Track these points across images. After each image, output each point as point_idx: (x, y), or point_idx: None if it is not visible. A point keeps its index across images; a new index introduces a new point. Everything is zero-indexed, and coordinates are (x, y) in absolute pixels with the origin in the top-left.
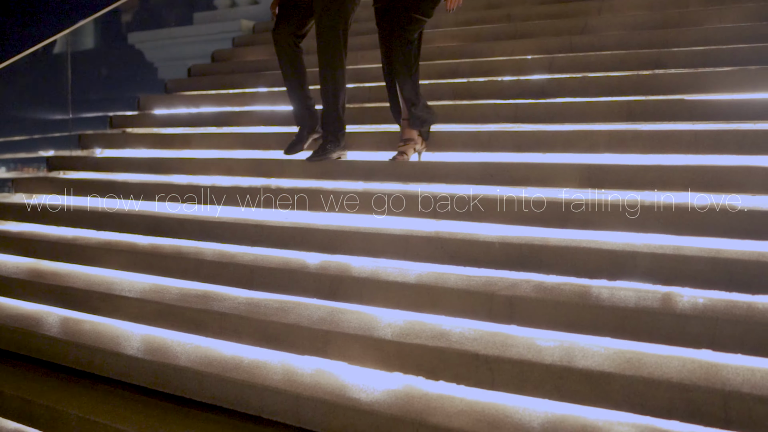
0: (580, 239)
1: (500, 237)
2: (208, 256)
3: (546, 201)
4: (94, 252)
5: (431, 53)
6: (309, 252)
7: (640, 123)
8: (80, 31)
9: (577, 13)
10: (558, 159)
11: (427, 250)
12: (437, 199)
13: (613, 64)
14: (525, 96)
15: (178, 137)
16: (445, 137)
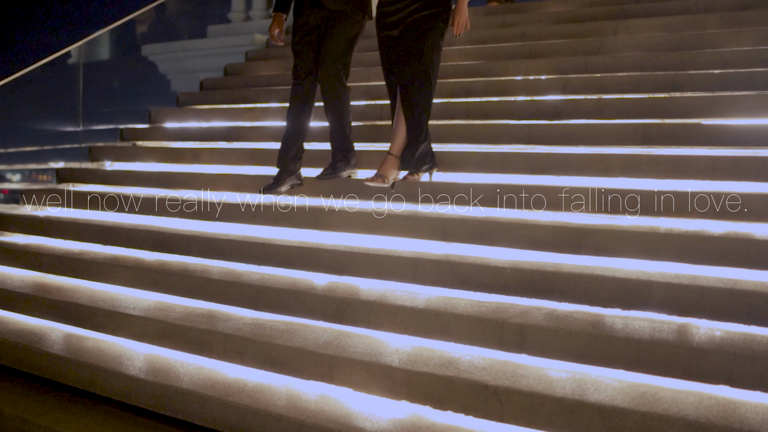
0: (593, 266)
1: (512, 262)
2: (215, 274)
3: (559, 226)
4: (100, 267)
5: (444, 71)
6: (316, 272)
7: (655, 147)
8: (93, 41)
9: (593, 33)
10: (572, 182)
11: (437, 274)
12: (447, 220)
13: (629, 86)
14: (539, 117)
15: (188, 152)
16: (457, 157)
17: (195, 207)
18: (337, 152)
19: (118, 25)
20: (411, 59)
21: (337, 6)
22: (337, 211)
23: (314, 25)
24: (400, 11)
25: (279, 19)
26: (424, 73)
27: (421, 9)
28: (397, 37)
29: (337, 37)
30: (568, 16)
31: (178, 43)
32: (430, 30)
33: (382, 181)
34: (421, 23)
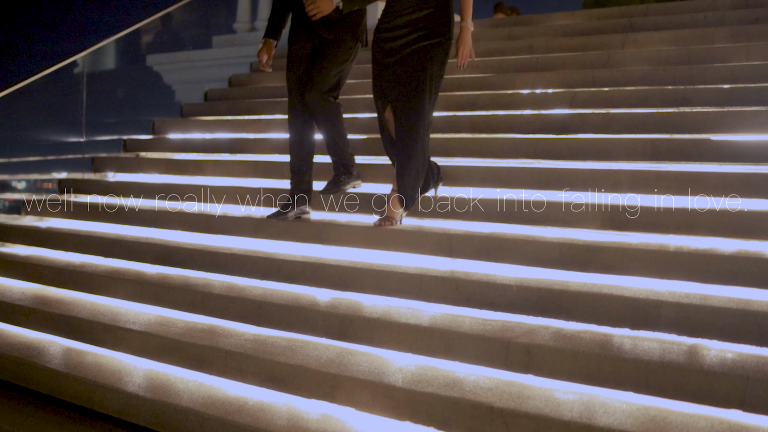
0: (601, 284)
1: (518, 279)
2: (216, 288)
3: (566, 243)
4: (100, 280)
5: (450, 84)
6: (319, 288)
7: (664, 162)
8: (97, 51)
9: (600, 47)
10: (579, 198)
11: (442, 291)
12: (453, 236)
13: (637, 100)
14: (546, 131)
15: (191, 163)
16: (462, 172)
17: (198, 219)
18: (338, 166)
19: (124, 34)
20: (409, 95)
21: (331, 34)
22: (340, 225)
23: (307, 54)
24: (397, 39)
25: (269, 45)
26: (422, 111)
27: (420, 39)
28: (394, 66)
29: (327, 63)
30: (575, 28)
31: (183, 53)
32: (430, 61)
33: (391, 223)
34: (420, 54)
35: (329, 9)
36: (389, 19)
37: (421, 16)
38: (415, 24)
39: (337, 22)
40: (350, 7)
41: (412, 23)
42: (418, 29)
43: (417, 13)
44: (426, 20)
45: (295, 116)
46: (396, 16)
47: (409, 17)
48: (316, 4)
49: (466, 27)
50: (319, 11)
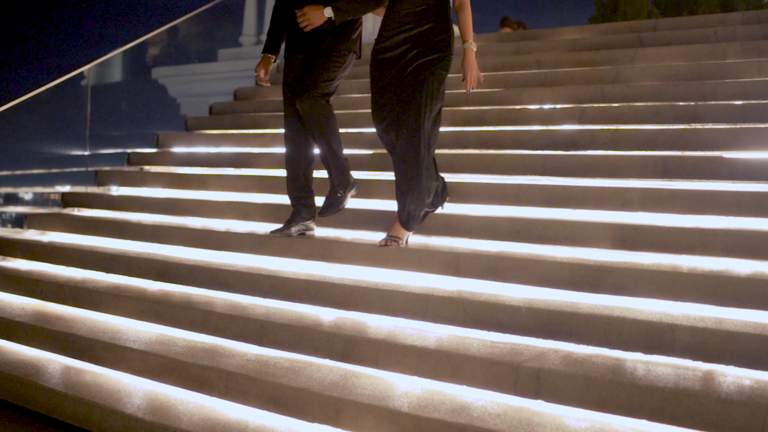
0: (613, 306)
1: (527, 300)
2: (218, 307)
3: (576, 263)
4: (101, 297)
5: (457, 99)
6: (323, 307)
7: (676, 180)
8: (102, 63)
9: (609, 61)
10: (589, 216)
11: (449, 312)
12: (459, 255)
13: (647, 117)
14: (554, 147)
15: (194, 177)
16: (470, 188)
17: (200, 235)
18: (336, 177)
19: (129, 47)
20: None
21: (323, 44)
22: (345, 242)
23: (300, 64)
24: (395, 56)
25: (267, 60)
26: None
27: (419, 55)
28: (392, 85)
29: (319, 71)
30: (583, 43)
31: (188, 66)
32: (429, 77)
33: (396, 243)
34: (419, 71)
35: (320, 21)
36: (386, 36)
37: (420, 32)
38: (413, 40)
39: (329, 32)
40: (342, 18)
41: (410, 40)
42: (417, 45)
43: (416, 29)
44: (424, 36)
45: (291, 129)
46: (393, 33)
47: (406, 34)
48: (307, 16)
49: (469, 49)
50: (310, 23)
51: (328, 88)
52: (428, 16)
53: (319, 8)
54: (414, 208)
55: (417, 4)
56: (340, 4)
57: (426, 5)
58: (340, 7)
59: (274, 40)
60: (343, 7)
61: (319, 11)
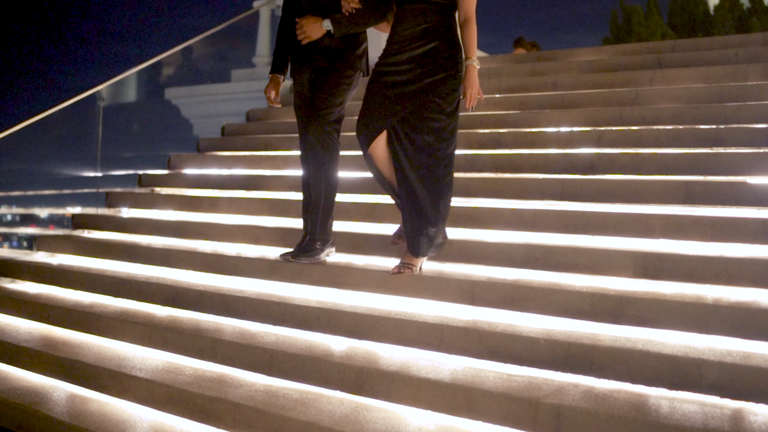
0: (635, 338)
1: (546, 332)
2: (227, 334)
3: (597, 292)
4: (108, 322)
5: (472, 121)
6: (334, 336)
7: (699, 206)
8: (115, 83)
9: (627, 83)
10: (609, 243)
11: (464, 343)
12: (475, 283)
13: (668, 140)
14: (572, 171)
15: (206, 200)
16: (485, 213)
17: (210, 259)
18: (314, 230)
19: (142, 68)
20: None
21: (325, 62)
22: (357, 269)
23: (308, 86)
24: (400, 74)
25: (276, 81)
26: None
27: (425, 75)
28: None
29: (325, 95)
30: (600, 64)
31: (201, 87)
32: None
33: (410, 270)
34: (427, 92)
35: (318, 34)
36: (391, 54)
37: (426, 51)
38: (418, 59)
39: (331, 50)
40: (341, 32)
41: (415, 59)
42: (423, 65)
43: (421, 48)
44: (431, 54)
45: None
46: (397, 52)
47: (411, 53)
48: (304, 28)
49: (471, 66)
50: (306, 36)
51: (337, 113)
52: (434, 34)
53: (317, 20)
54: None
55: (420, 22)
56: (339, 17)
57: (431, 23)
58: (339, 20)
59: (282, 59)
60: (342, 20)
61: (317, 24)
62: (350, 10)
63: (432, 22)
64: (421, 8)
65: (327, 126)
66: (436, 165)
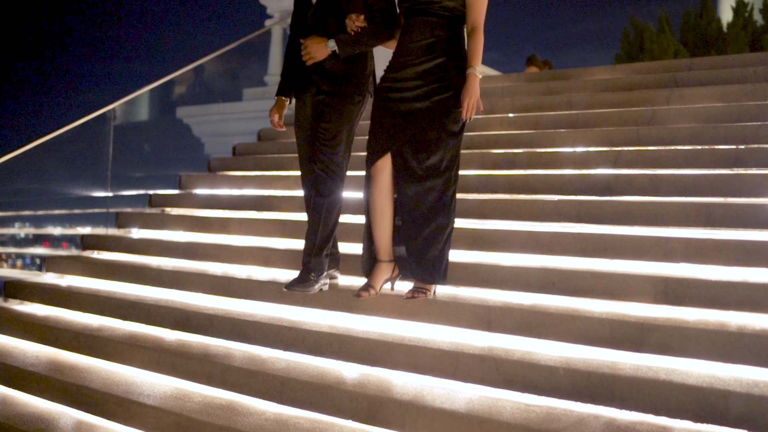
0: (657, 367)
1: (564, 360)
2: (237, 360)
3: (617, 319)
4: (117, 346)
5: (486, 141)
6: (347, 362)
7: (720, 229)
8: (125, 102)
9: (644, 102)
10: (628, 267)
11: (480, 371)
12: (491, 308)
13: (686, 161)
14: (589, 192)
15: (216, 221)
16: (500, 236)
17: (220, 282)
18: (308, 261)
19: (154, 86)
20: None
21: (330, 86)
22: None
23: (310, 111)
24: (405, 92)
25: (280, 104)
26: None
27: (433, 92)
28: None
29: (332, 125)
30: (616, 83)
31: (213, 106)
32: (446, 117)
33: (425, 294)
34: (434, 110)
35: (322, 55)
36: (395, 70)
37: (432, 67)
38: (425, 75)
39: (337, 72)
40: (347, 52)
41: (421, 75)
42: (430, 81)
43: (427, 63)
44: (438, 71)
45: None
46: (403, 66)
47: (417, 68)
48: (308, 49)
49: (473, 75)
50: (311, 57)
51: (345, 141)
52: (440, 49)
53: (321, 41)
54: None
55: (427, 36)
56: (344, 37)
57: (437, 37)
58: (344, 40)
59: (287, 81)
60: (348, 40)
61: (321, 44)
62: (355, 29)
63: (439, 36)
64: (428, 21)
65: (335, 157)
66: (442, 186)
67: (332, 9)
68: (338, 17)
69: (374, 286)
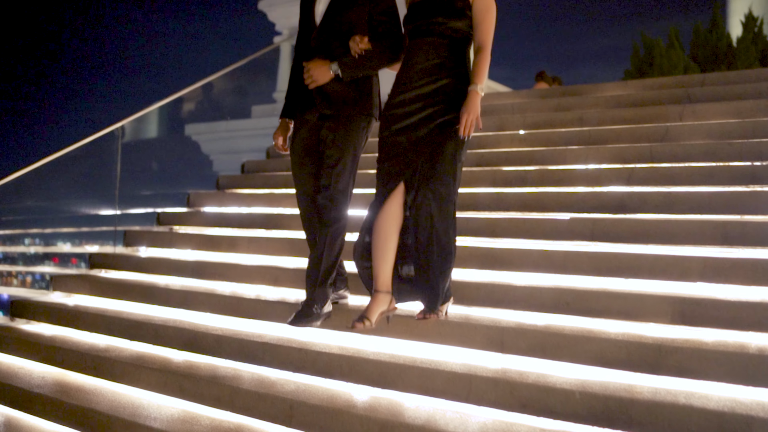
0: (676, 391)
1: (580, 383)
2: (245, 382)
3: (634, 340)
4: (124, 368)
5: (497, 158)
6: (357, 384)
7: (737, 247)
8: (133, 120)
9: (656, 118)
10: (644, 287)
11: (493, 394)
12: (504, 329)
13: (701, 178)
14: (602, 210)
15: (225, 239)
16: (512, 255)
17: (229, 302)
18: (312, 292)
19: (162, 104)
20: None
21: (332, 109)
22: None
23: (308, 135)
24: (408, 116)
25: (284, 126)
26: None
27: (436, 115)
28: (406, 147)
29: (335, 152)
30: (628, 99)
31: (222, 123)
32: (449, 139)
33: (436, 315)
34: (437, 132)
35: (325, 78)
36: (398, 93)
37: (436, 88)
38: (428, 97)
39: (340, 97)
40: (351, 75)
41: (424, 96)
42: (434, 103)
43: (430, 84)
44: (442, 92)
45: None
46: (406, 89)
47: (419, 91)
48: (311, 72)
49: (474, 92)
50: (313, 81)
51: (350, 171)
52: (445, 70)
53: (324, 64)
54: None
55: (432, 57)
56: (348, 59)
57: (442, 58)
58: (347, 63)
59: (291, 103)
60: (351, 63)
61: (324, 67)
62: (360, 51)
63: (444, 57)
64: (434, 42)
65: (339, 184)
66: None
67: (336, 31)
68: (342, 39)
69: (370, 318)
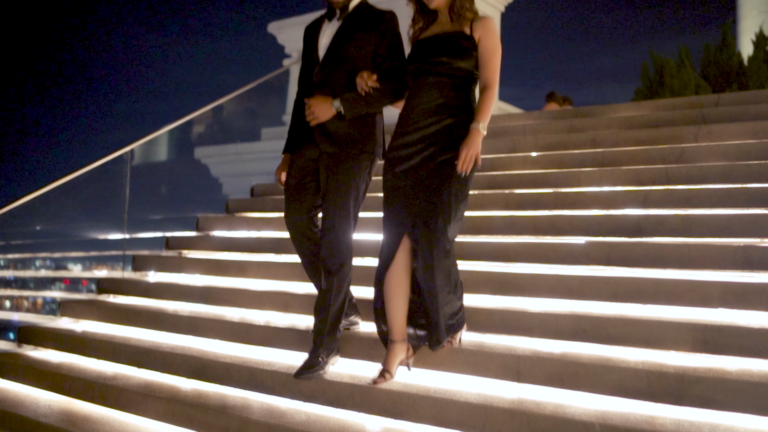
0: (700, 422)
1: (600, 414)
2: (255, 413)
3: (654, 370)
4: (131, 396)
5: (510, 181)
6: (369, 414)
7: (759, 272)
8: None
9: (671, 139)
10: (663, 313)
11: (510, 426)
12: (520, 358)
13: (719, 200)
14: (618, 233)
15: (234, 264)
16: (526, 280)
17: (238, 329)
18: (319, 339)
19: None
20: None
21: (334, 147)
22: None
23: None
24: (410, 158)
25: (287, 162)
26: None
27: (437, 153)
28: (409, 191)
29: (336, 195)
30: (641, 120)
31: (231, 146)
32: (450, 177)
33: (450, 343)
34: (439, 171)
35: (326, 115)
36: (401, 134)
37: (440, 129)
38: (432, 138)
39: (341, 135)
40: (353, 112)
41: (426, 139)
42: (436, 143)
43: (433, 125)
44: (446, 132)
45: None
46: (409, 130)
47: (424, 131)
48: (312, 109)
49: (477, 130)
50: (314, 118)
51: (351, 214)
52: (449, 110)
53: (326, 100)
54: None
55: (435, 97)
56: (351, 96)
57: (445, 98)
58: (350, 100)
59: (294, 138)
60: (354, 99)
61: (326, 104)
62: (367, 89)
63: (449, 96)
64: (438, 82)
65: (342, 229)
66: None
67: (339, 66)
68: (345, 75)
69: (390, 371)
